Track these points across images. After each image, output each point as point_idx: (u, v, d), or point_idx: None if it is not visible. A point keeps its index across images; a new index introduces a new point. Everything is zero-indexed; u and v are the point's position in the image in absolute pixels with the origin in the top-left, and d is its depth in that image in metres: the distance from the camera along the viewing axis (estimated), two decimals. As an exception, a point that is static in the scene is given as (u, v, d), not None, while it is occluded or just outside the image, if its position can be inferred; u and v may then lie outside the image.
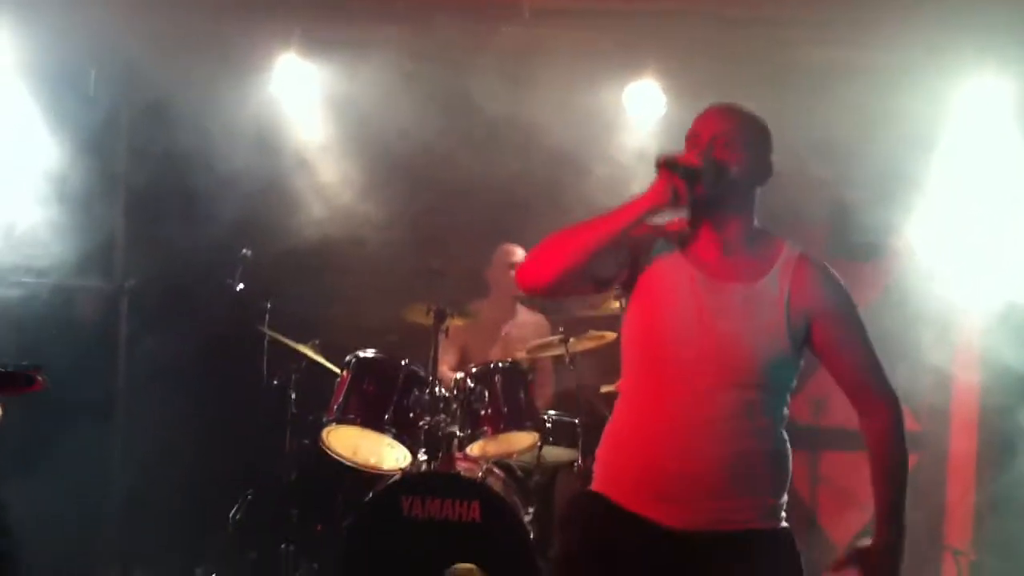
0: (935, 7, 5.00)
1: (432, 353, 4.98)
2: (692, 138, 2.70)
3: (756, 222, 2.74)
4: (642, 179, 6.00)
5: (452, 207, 6.24)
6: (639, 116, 6.16)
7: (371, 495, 4.62)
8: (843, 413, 6.06)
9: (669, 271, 2.68)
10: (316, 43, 5.91)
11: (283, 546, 5.24)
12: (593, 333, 5.35)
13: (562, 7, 5.69)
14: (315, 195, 6.16)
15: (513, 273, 5.31)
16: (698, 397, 2.56)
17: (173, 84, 5.61)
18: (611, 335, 5.36)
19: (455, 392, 4.94)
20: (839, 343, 2.67)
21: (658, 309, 2.65)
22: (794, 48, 5.64)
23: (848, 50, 5.61)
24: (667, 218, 2.76)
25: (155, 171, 5.70)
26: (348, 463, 4.92)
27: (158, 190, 5.72)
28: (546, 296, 2.86)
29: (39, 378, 3.21)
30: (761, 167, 2.73)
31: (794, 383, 2.71)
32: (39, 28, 5.40)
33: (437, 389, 4.88)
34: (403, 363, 4.91)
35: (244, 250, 5.48)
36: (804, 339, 2.65)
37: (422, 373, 4.93)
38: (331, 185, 6.19)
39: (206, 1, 5.48)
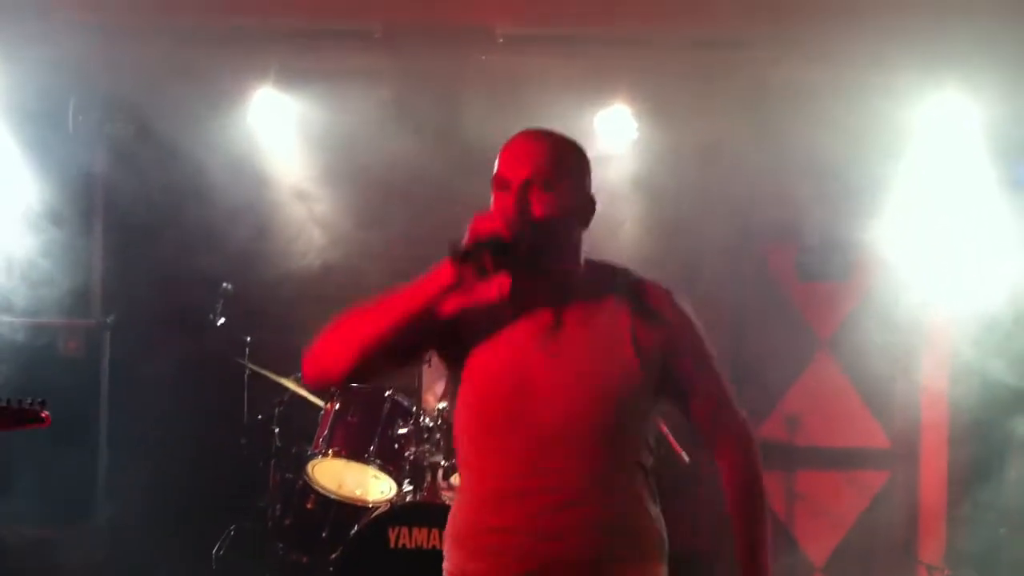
0: (900, 26, 5.09)
1: (417, 383, 5.02)
2: (500, 183, 2.25)
3: (583, 253, 2.35)
4: (618, 203, 6.18)
5: (430, 235, 6.24)
6: (612, 141, 6.25)
7: (357, 527, 4.64)
8: (816, 432, 6.24)
9: (494, 328, 2.28)
10: (293, 75, 5.95)
11: (268, 580, 5.27)
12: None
13: (534, 34, 5.74)
14: (295, 226, 6.21)
15: None
16: (554, 469, 2.18)
17: (152, 117, 5.65)
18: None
19: (439, 421, 4.97)
20: (686, 368, 2.32)
21: (486, 372, 2.25)
22: (762, 68, 5.71)
23: (815, 70, 5.68)
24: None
25: (134, 204, 5.69)
26: (334, 496, 4.94)
27: (138, 224, 5.72)
28: (341, 387, 2.46)
29: (45, 414, 3.23)
30: (585, 203, 2.31)
31: (652, 432, 2.35)
32: (18, 63, 5.42)
33: (422, 419, 4.92)
34: (387, 394, 4.94)
35: (225, 284, 5.50)
36: (660, 377, 2.28)
37: (406, 404, 4.96)
38: (311, 216, 6.23)
39: (184, 34, 5.50)
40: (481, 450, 2.27)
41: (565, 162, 2.27)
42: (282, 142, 6.18)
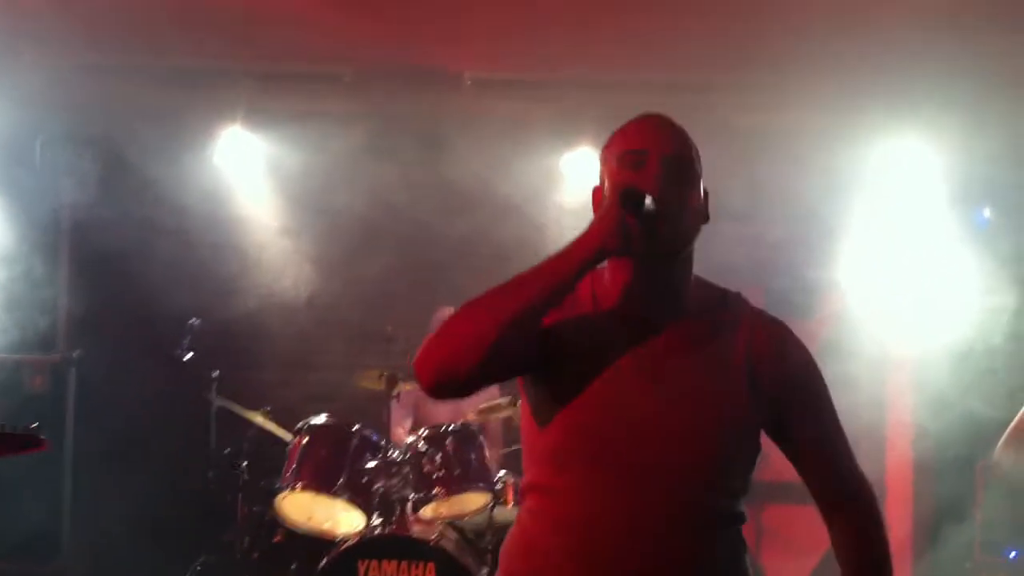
0: (861, 73, 5.24)
1: (385, 417, 5.03)
2: (632, 156, 1.99)
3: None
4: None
5: (399, 272, 6.33)
6: (577, 183, 6.33)
7: (327, 560, 4.61)
8: (783, 466, 6.27)
9: (601, 343, 2.02)
10: (260, 115, 6.02)
11: (235, 616, 5.21)
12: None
13: (500, 78, 5.84)
14: (262, 263, 6.23)
15: None
16: (650, 506, 1.94)
17: (118, 155, 5.66)
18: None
19: (408, 455, 4.97)
20: (802, 419, 2.08)
21: (586, 401, 1.98)
22: (728, 112, 5.83)
23: (780, 114, 5.83)
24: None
25: (101, 240, 5.70)
26: (302, 530, 4.91)
27: (104, 259, 5.72)
28: (460, 395, 1.97)
29: (43, 438, 3.23)
30: (706, 200, 2.11)
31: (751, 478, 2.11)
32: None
33: (391, 453, 4.92)
34: (355, 428, 4.93)
35: (192, 319, 5.49)
36: (771, 420, 2.06)
37: (375, 438, 4.95)
38: (277, 253, 6.26)
39: (151, 73, 5.56)
40: (568, 477, 1.99)
41: (693, 147, 2.06)
42: (250, 181, 6.22)
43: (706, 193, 2.09)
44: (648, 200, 1.90)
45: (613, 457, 1.95)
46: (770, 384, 2.02)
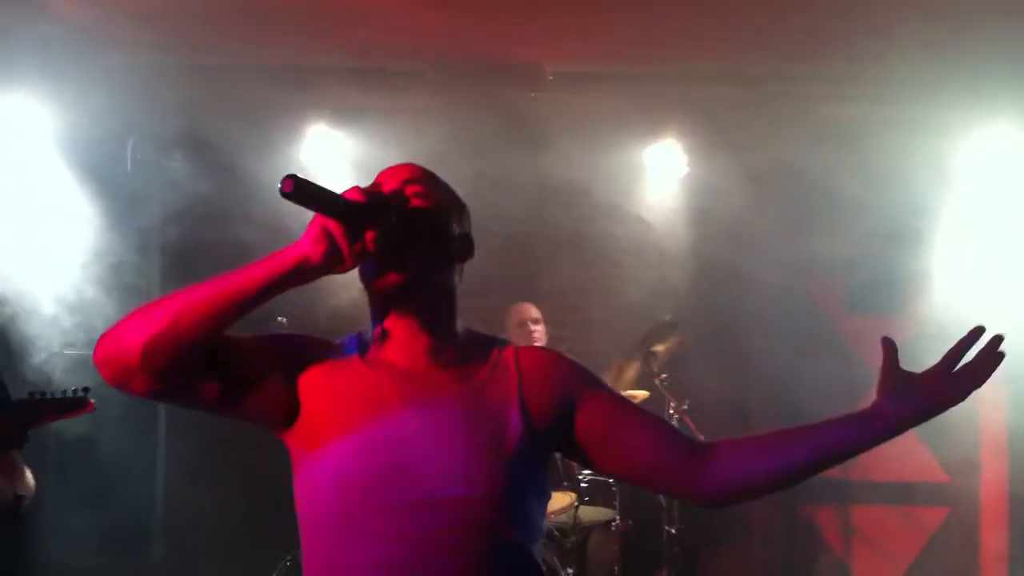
0: (949, 61, 5.10)
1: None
2: (370, 188, 1.88)
3: (459, 317, 2.00)
4: (659, 237, 6.17)
5: (478, 269, 6.32)
6: (661, 175, 6.28)
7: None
8: (872, 465, 6.15)
9: (353, 388, 1.90)
10: (345, 112, 6.06)
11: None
12: (627, 393, 5.46)
13: (583, 71, 5.82)
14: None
15: (526, 331, 5.40)
16: (418, 561, 1.79)
17: (208, 153, 5.75)
18: (643, 394, 5.45)
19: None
20: (609, 417, 1.96)
21: (342, 447, 1.84)
22: (813, 104, 5.75)
23: (865, 104, 5.72)
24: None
25: (191, 239, 5.80)
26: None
27: (194, 258, 5.82)
28: (139, 389, 1.76)
29: (90, 400, 3.33)
30: (461, 235, 2.00)
31: (545, 508, 1.98)
32: (76, 103, 5.56)
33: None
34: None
35: (280, 318, 5.56)
36: (555, 440, 1.95)
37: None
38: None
39: (239, 73, 5.64)
40: (339, 540, 1.83)
41: (443, 188, 1.99)
42: (336, 178, 6.27)
43: (465, 237, 2.01)
44: (345, 200, 1.76)
45: (387, 508, 1.81)
46: (549, 406, 1.93)
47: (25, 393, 3.34)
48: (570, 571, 4.88)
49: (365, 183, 1.77)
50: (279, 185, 1.70)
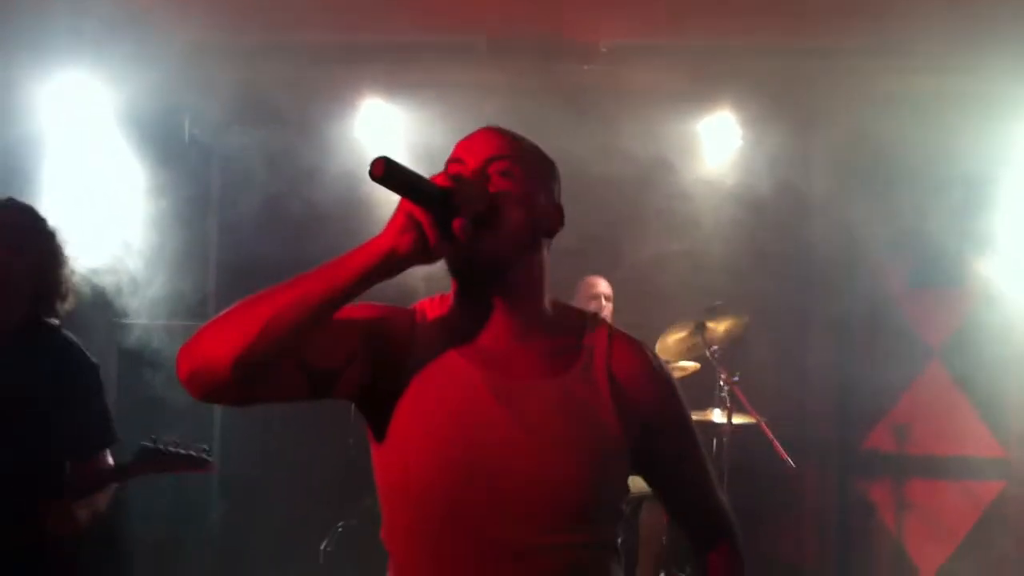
0: (1006, 34, 5.01)
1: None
2: (451, 165, 1.86)
3: (548, 289, 1.92)
4: (715, 210, 6.15)
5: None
6: (716, 148, 6.25)
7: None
8: (927, 440, 6.11)
9: (436, 374, 1.82)
10: (399, 87, 6.09)
11: (373, 579, 5.35)
12: (678, 364, 5.47)
13: (637, 44, 5.78)
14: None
15: (596, 304, 5.41)
16: (501, 561, 1.75)
17: (262, 129, 5.81)
18: (694, 366, 5.46)
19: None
20: (677, 459, 1.95)
21: (426, 439, 1.78)
22: (868, 76, 5.67)
23: (922, 76, 5.64)
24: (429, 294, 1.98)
25: (247, 214, 5.88)
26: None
27: (250, 234, 5.89)
28: (230, 401, 1.71)
29: (211, 460, 3.36)
30: (551, 212, 1.92)
31: (625, 509, 1.94)
32: (133, 80, 5.66)
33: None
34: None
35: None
36: (637, 449, 1.87)
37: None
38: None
39: (292, 50, 5.68)
40: (423, 541, 1.81)
41: (531, 157, 1.90)
42: (390, 152, 6.29)
43: (558, 209, 1.94)
44: (433, 187, 1.69)
45: (445, 503, 1.76)
46: (636, 410, 1.86)
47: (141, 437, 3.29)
48: (620, 539, 4.91)
49: (420, 158, 1.75)
50: (369, 168, 1.64)
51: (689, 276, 6.05)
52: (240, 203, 5.84)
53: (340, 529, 5.58)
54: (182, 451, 3.28)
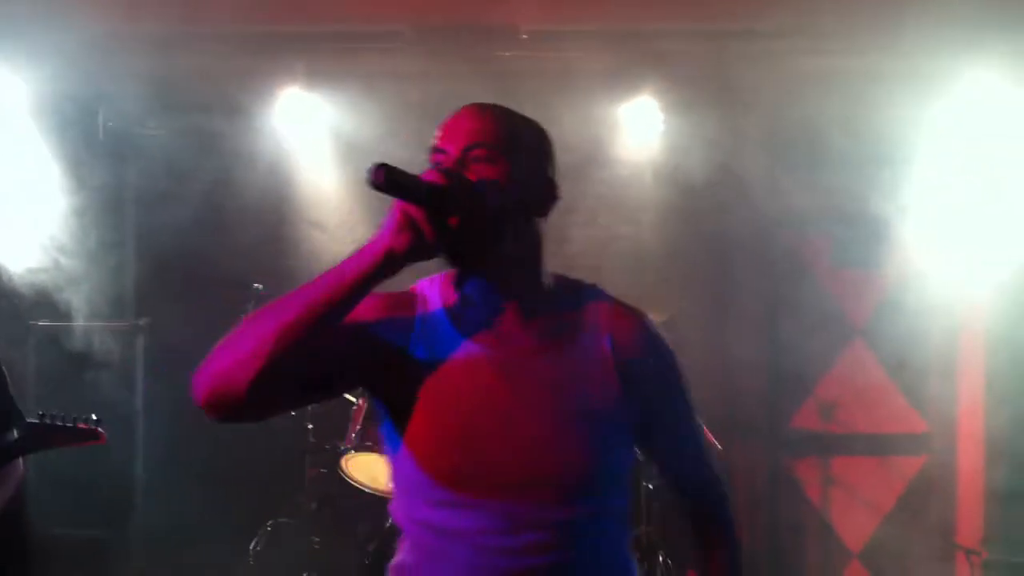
0: (922, 10, 5.07)
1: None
2: (434, 155, 1.88)
3: (547, 265, 1.97)
4: (639, 196, 6.17)
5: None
6: (638, 134, 6.26)
7: (391, 520, 4.65)
8: (852, 418, 6.21)
9: (439, 360, 1.86)
10: (320, 76, 6.01)
11: (305, 575, 5.31)
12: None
13: (557, 30, 5.76)
14: (325, 227, 6.26)
15: None
16: (516, 534, 1.80)
17: (179, 120, 5.71)
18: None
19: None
20: (671, 422, 2.02)
21: (434, 421, 1.84)
22: (790, 58, 5.71)
23: (841, 58, 5.68)
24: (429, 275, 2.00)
25: (165, 208, 5.76)
26: (368, 490, 4.97)
27: (170, 226, 5.78)
28: (248, 419, 1.80)
29: (101, 431, 3.31)
30: (540, 186, 1.93)
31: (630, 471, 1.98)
32: (47, 73, 5.52)
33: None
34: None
35: (256, 284, 5.55)
36: (639, 414, 1.93)
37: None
38: (340, 217, 6.29)
39: (211, 39, 5.58)
40: (437, 506, 1.83)
41: (516, 134, 1.90)
42: (312, 142, 6.24)
43: (548, 183, 1.95)
44: (422, 185, 1.74)
45: (482, 476, 1.80)
46: (637, 381, 1.91)
47: (35, 412, 3.29)
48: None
49: (342, 146, 1.71)
50: (367, 175, 1.69)
51: (614, 260, 6.06)
52: (158, 197, 5.72)
53: (269, 528, 5.51)
54: (70, 423, 3.22)
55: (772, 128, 6.03)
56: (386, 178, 1.69)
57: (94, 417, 3.30)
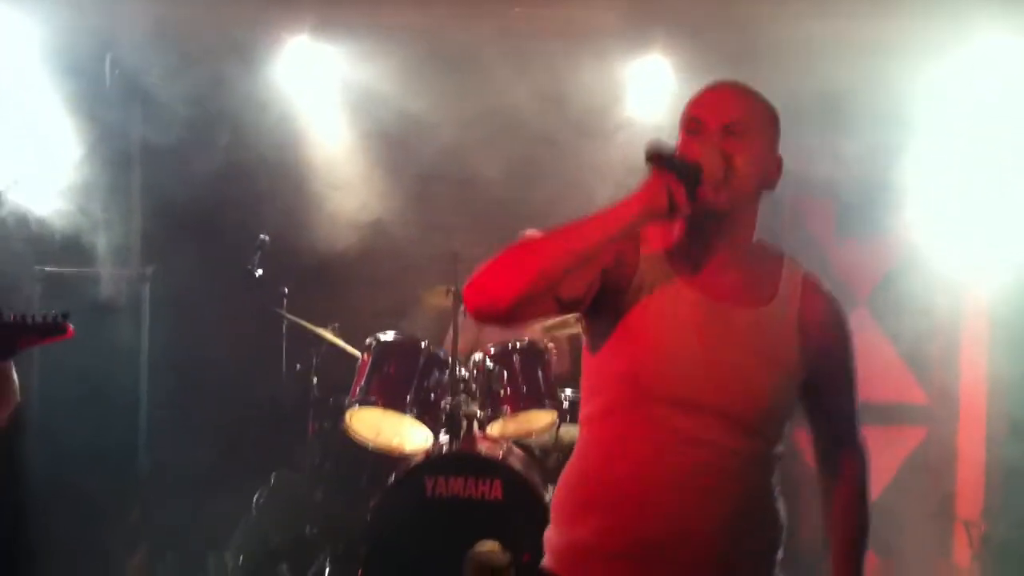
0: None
1: (452, 334, 5.05)
2: (692, 124, 2.18)
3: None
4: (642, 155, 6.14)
5: (466, 191, 6.31)
6: (648, 92, 6.21)
7: (395, 476, 4.68)
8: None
9: (659, 293, 2.20)
10: (329, 28, 5.97)
11: (307, 529, 5.33)
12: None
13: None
14: (331, 179, 6.24)
15: None
16: (696, 448, 2.14)
17: (187, 69, 5.65)
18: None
19: (474, 372, 4.99)
20: (835, 388, 2.35)
21: (650, 339, 2.17)
22: (801, 20, 5.65)
23: (850, 20, 5.62)
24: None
25: (171, 157, 5.73)
26: (371, 445, 4.98)
27: (175, 176, 5.74)
28: (501, 323, 2.16)
29: (68, 326, 3.26)
30: (774, 166, 2.25)
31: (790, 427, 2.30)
32: (53, 20, 5.49)
33: (458, 370, 4.93)
34: (423, 344, 4.95)
35: (262, 235, 5.53)
36: (807, 379, 2.27)
37: (442, 354, 4.98)
38: (347, 170, 6.26)
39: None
40: (626, 411, 2.18)
41: (762, 116, 2.22)
42: (318, 95, 6.20)
43: (779, 162, 2.26)
44: (680, 161, 2.07)
45: (658, 396, 2.14)
46: (815, 351, 2.24)
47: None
48: (551, 488, 4.93)
49: (350, 100, 1.80)
50: (647, 158, 2.07)
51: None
52: (164, 145, 5.68)
53: (272, 480, 5.53)
54: (30, 319, 3.19)
55: (780, 91, 5.96)
56: (656, 160, 2.06)
57: (61, 312, 3.25)
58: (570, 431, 5.14)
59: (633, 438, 2.17)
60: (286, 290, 5.59)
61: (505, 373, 4.92)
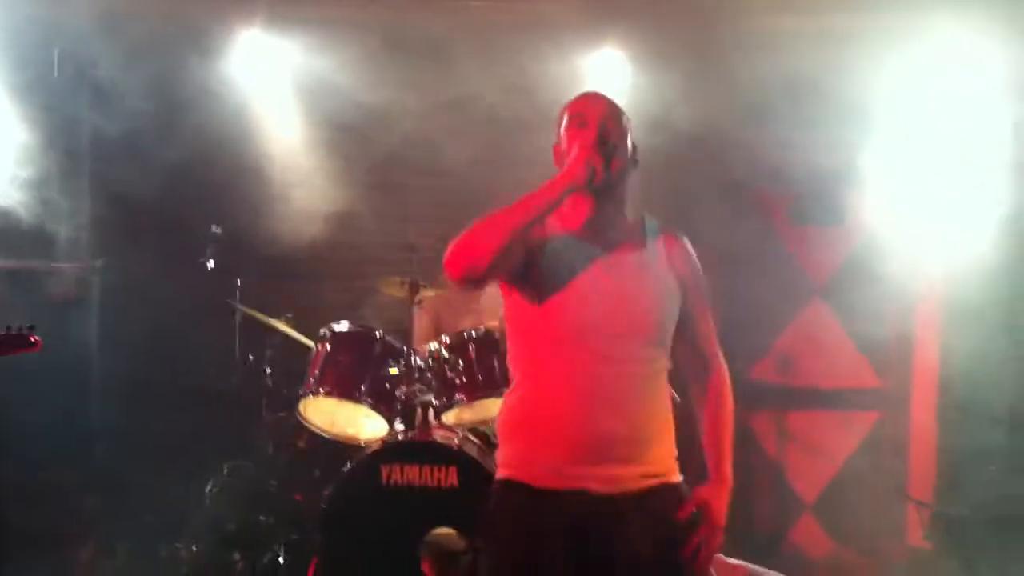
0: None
1: (407, 324, 5.04)
2: (579, 119, 2.76)
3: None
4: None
5: (421, 182, 6.30)
6: (604, 86, 6.21)
7: (350, 464, 4.67)
8: (809, 373, 6.27)
9: (566, 253, 2.74)
10: (282, 21, 5.95)
11: (261, 518, 5.30)
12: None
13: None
14: (287, 171, 6.21)
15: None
16: (616, 365, 2.67)
17: (136, 63, 5.60)
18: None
19: (430, 361, 4.98)
20: (698, 312, 2.89)
21: (568, 291, 2.70)
22: (757, 15, 5.70)
23: (810, 15, 5.69)
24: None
25: (121, 149, 5.68)
26: (326, 435, 4.96)
27: (125, 168, 5.68)
28: (476, 284, 2.63)
29: (35, 338, 3.25)
30: (634, 148, 2.85)
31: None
32: (4, 6, 5.46)
33: (413, 359, 4.93)
34: (378, 335, 4.95)
35: (214, 227, 5.49)
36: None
37: (397, 344, 4.98)
38: (303, 162, 6.24)
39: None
40: (559, 345, 2.69)
41: (621, 113, 2.81)
42: (270, 88, 6.18)
43: (634, 147, 2.84)
44: (608, 144, 2.68)
45: (580, 333, 2.67)
46: (681, 282, 2.83)
47: None
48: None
49: (303, 92, 1.85)
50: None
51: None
52: (114, 137, 5.63)
53: (226, 471, 5.49)
54: (2, 330, 3.17)
55: (736, 82, 6.01)
56: (599, 141, 2.67)
57: (29, 325, 3.23)
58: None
59: (558, 362, 2.69)
60: (239, 281, 5.56)
61: (460, 362, 4.91)
